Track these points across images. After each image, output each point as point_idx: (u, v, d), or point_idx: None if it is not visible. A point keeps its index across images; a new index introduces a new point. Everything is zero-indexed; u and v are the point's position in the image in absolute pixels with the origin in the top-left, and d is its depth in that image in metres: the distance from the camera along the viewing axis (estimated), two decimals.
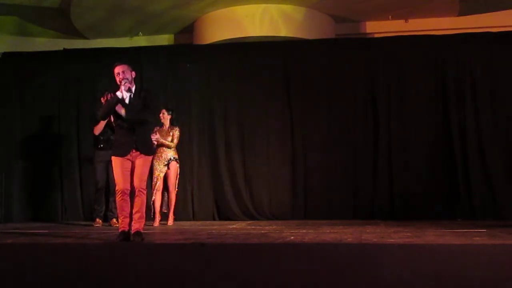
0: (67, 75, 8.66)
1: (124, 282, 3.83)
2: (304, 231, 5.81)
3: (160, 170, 7.16)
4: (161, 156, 7.16)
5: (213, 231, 6.00)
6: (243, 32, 8.95)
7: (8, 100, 8.68)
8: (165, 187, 7.27)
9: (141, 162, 4.90)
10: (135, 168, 4.90)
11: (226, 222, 7.58)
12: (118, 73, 4.94)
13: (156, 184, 7.13)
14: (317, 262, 3.91)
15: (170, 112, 7.31)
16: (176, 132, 7.22)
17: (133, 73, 5.02)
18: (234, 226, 6.74)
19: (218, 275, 3.76)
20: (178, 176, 7.30)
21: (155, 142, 6.80)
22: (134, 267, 3.99)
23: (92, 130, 7.26)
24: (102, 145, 7.21)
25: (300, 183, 8.14)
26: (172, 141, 7.18)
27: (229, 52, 8.48)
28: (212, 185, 8.27)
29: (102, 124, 7.12)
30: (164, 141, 7.13)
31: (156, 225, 7.04)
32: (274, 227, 6.57)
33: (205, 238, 5.09)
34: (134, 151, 4.90)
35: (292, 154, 8.20)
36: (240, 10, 8.98)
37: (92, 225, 7.17)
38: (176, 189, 7.31)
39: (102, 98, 7.27)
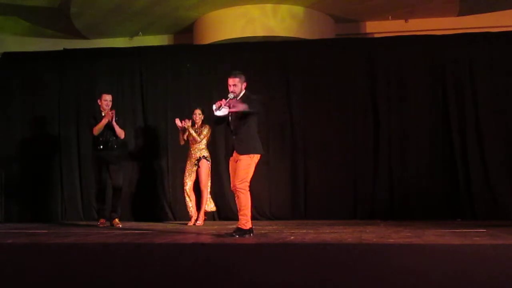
0: (67, 75, 8.66)
1: (124, 282, 3.83)
2: (304, 231, 5.81)
3: (190, 170, 7.20)
4: (192, 156, 7.21)
5: (213, 231, 6.00)
6: (243, 32, 8.94)
7: (8, 100, 8.67)
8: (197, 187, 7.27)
9: (238, 162, 5.24)
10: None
11: (226, 222, 7.56)
12: (230, 85, 5.32)
13: (186, 184, 7.21)
14: (317, 262, 3.91)
15: (201, 111, 7.31)
16: (205, 130, 7.22)
17: (245, 84, 5.39)
18: (234, 226, 6.72)
19: (218, 275, 3.76)
20: (210, 174, 7.31)
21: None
22: (134, 267, 3.99)
23: (91, 131, 7.16)
24: (101, 146, 7.17)
25: (300, 183, 8.13)
26: (199, 135, 7.16)
27: (229, 52, 8.46)
28: (212, 185, 8.25)
29: (102, 124, 7.09)
30: (192, 131, 7.13)
31: (191, 224, 7.12)
32: (274, 227, 6.57)
33: (205, 238, 5.09)
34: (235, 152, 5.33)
35: (292, 154, 8.19)
36: (239, 10, 8.97)
37: (97, 225, 7.13)
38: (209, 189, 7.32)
39: (98, 100, 7.27)
